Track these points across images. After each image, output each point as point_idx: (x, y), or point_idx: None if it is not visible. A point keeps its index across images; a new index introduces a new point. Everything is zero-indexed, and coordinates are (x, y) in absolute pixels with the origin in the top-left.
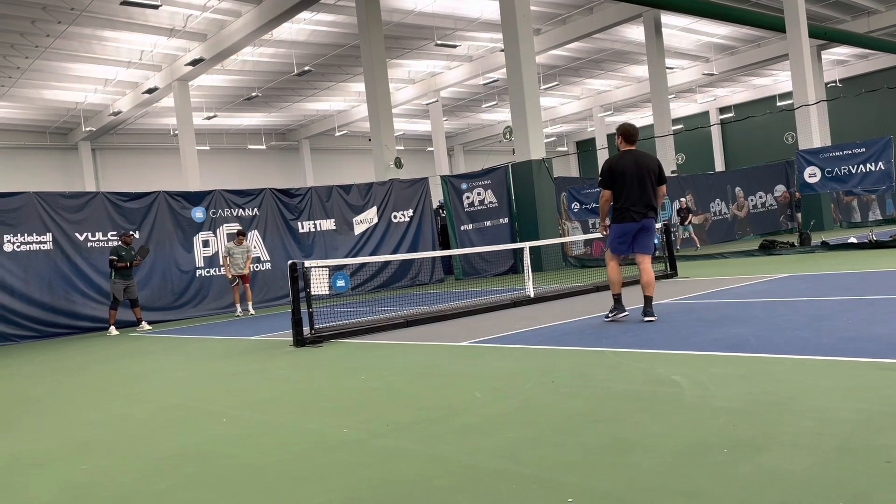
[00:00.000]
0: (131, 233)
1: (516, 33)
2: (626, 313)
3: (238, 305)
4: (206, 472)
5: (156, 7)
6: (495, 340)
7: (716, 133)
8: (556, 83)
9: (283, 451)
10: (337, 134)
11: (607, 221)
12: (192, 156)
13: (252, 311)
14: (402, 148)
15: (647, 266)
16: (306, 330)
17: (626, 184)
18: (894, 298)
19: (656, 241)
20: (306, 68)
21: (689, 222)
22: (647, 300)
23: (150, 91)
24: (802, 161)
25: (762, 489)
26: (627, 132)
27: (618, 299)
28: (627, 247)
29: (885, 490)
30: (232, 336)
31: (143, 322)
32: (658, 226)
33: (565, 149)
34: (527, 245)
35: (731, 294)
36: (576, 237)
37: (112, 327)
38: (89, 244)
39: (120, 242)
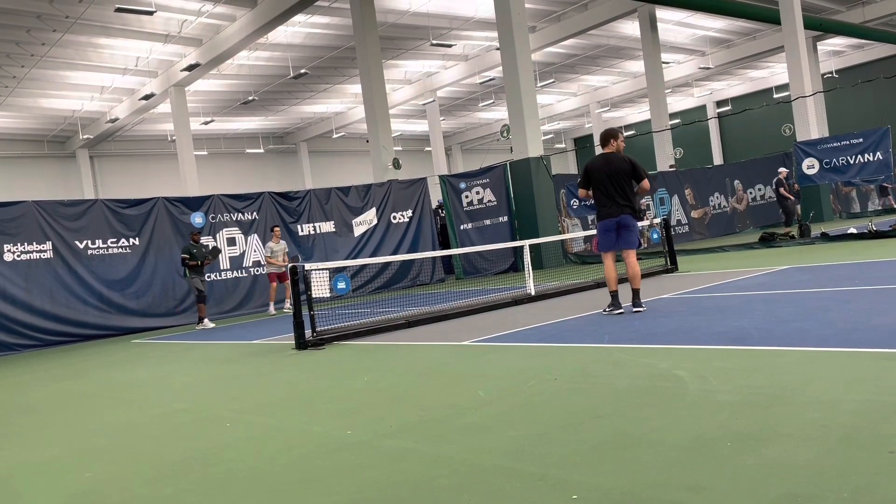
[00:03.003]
0: (199, 231)
1: (511, 31)
2: (622, 310)
3: (272, 304)
4: (212, 476)
5: (150, 13)
6: (497, 339)
7: (713, 126)
8: (552, 80)
9: (287, 454)
10: (334, 136)
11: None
12: (191, 161)
13: (287, 309)
14: (399, 148)
15: (632, 261)
16: (308, 333)
17: (599, 182)
18: (895, 288)
19: (656, 237)
20: (302, 71)
21: (797, 196)
22: (635, 293)
23: (146, 97)
24: (800, 153)
25: (767, 482)
26: (601, 136)
27: (614, 296)
28: (614, 241)
29: (889, 480)
30: (234, 340)
31: (206, 320)
32: (657, 221)
33: (563, 146)
34: (527, 243)
35: (731, 287)
36: (576, 234)
37: (206, 320)
38: (89, 252)
39: (190, 241)
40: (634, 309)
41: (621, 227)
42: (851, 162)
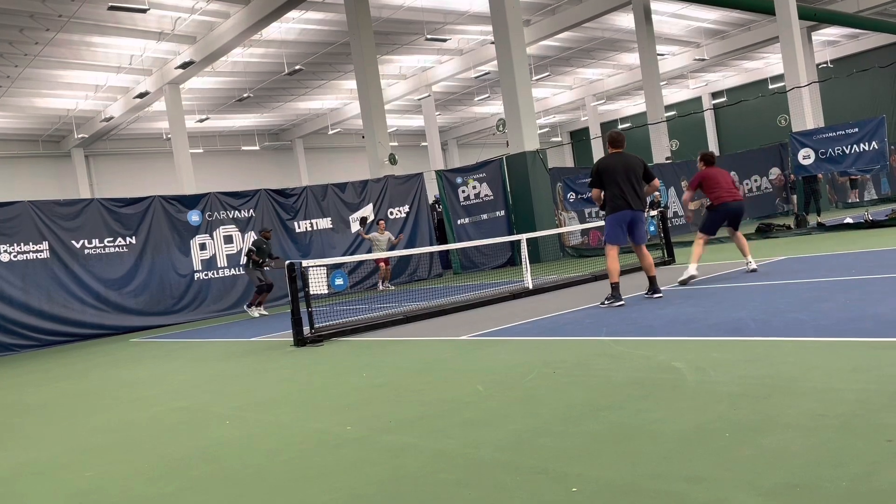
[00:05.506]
0: (270, 230)
1: (506, 25)
2: (623, 303)
3: (381, 283)
4: (212, 474)
5: (144, 11)
6: (495, 333)
7: (709, 118)
8: (547, 74)
9: (287, 451)
10: (330, 132)
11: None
12: (186, 159)
13: (392, 287)
14: (395, 144)
15: (644, 252)
16: (306, 329)
17: (615, 178)
18: (891, 277)
19: (653, 229)
20: (297, 67)
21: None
22: (652, 280)
23: (141, 95)
24: (796, 143)
25: (765, 471)
26: (613, 138)
27: (616, 287)
28: (623, 235)
29: (887, 468)
30: (232, 338)
31: (262, 308)
32: (654, 213)
33: (559, 139)
34: (524, 237)
35: (728, 278)
36: (572, 227)
37: (261, 307)
38: (86, 251)
39: (260, 236)
40: (654, 296)
41: (635, 222)
42: (847, 152)
